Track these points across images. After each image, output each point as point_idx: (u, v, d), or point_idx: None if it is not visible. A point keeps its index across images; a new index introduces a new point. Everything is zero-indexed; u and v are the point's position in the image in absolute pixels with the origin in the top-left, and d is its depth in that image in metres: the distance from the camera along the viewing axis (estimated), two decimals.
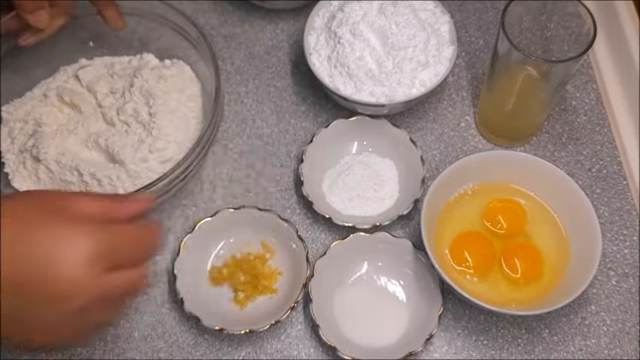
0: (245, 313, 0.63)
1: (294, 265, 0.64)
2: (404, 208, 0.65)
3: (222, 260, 0.65)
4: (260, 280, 0.64)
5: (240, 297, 0.63)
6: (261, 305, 0.63)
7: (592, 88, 0.75)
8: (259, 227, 0.66)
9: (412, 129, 0.73)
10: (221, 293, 0.64)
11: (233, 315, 0.62)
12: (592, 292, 0.64)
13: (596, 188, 0.69)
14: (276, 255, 0.65)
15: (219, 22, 0.80)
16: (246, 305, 0.63)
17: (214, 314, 0.61)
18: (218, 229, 0.65)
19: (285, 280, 0.64)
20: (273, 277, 0.64)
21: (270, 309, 0.62)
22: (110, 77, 0.70)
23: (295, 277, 0.63)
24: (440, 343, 0.62)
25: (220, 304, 0.63)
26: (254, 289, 0.64)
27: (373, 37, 0.68)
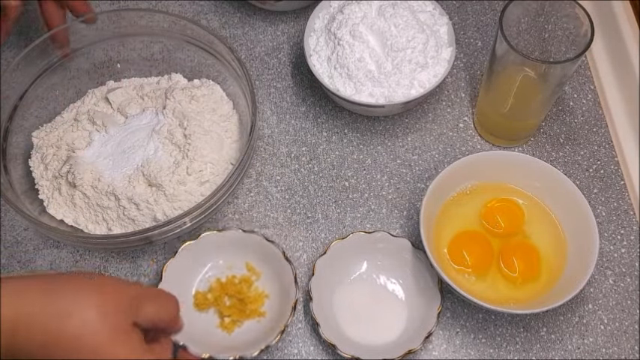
0: (233, 338, 0.61)
1: (282, 286, 0.62)
2: None
3: (207, 284, 0.64)
4: (246, 304, 0.62)
5: (226, 322, 0.62)
6: (248, 329, 0.61)
7: (589, 89, 0.76)
8: (244, 249, 0.64)
9: (411, 130, 0.74)
10: (207, 319, 0.62)
11: (220, 340, 0.61)
12: (589, 291, 0.65)
13: (594, 188, 0.70)
14: (263, 277, 0.64)
15: (220, 24, 0.81)
16: (233, 330, 0.61)
17: (201, 341, 0.58)
18: (202, 252, 0.64)
19: (273, 303, 0.62)
20: (260, 300, 0.63)
21: (258, 333, 0.60)
22: (141, 99, 0.70)
23: (283, 300, 0.61)
24: (438, 342, 0.63)
25: (207, 329, 0.61)
26: (240, 314, 0.62)
27: (372, 38, 0.69)
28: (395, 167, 0.71)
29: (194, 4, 0.82)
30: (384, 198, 0.70)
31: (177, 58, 0.73)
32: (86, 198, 0.64)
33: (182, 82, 0.72)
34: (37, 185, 0.67)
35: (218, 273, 0.64)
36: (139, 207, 0.63)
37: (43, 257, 0.67)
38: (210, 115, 0.68)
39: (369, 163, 0.72)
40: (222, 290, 0.63)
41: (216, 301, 0.62)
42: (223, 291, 0.63)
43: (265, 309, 0.62)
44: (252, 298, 0.63)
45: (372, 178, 0.71)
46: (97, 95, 0.71)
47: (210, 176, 0.65)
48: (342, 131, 0.74)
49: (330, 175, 0.71)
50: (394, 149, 0.72)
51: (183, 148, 0.65)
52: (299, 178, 0.71)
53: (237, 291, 0.63)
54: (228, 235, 0.64)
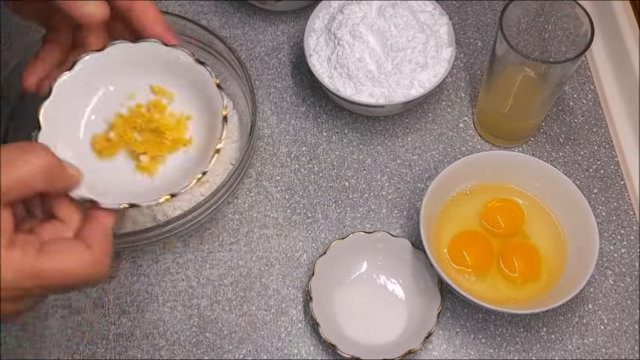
0: (159, 180, 0.48)
1: (205, 101, 0.49)
2: None
3: (103, 124, 0.49)
4: (164, 133, 0.49)
5: (144, 162, 0.49)
6: (175, 165, 0.49)
7: (589, 89, 0.76)
8: (143, 67, 0.49)
9: (411, 130, 0.74)
10: (117, 166, 0.49)
11: (143, 186, 0.48)
12: (589, 291, 0.65)
13: (594, 188, 0.70)
14: (177, 97, 0.50)
15: (220, 24, 0.81)
16: (156, 170, 0.49)
17: (115, 192, 0.45)
18: (85, 82, 0.48)
19: (198, 126, 0.50)
20: (181, 125, 0.50)
21: (190, 164, 0.48)
22: None
23: (210, 117, 0.49)
24: (438, 342, 0.63)
25: (122, 179, 0.48)
26: (160, 147, 0.49)
27: (372, 38, 0.69)
28: (395, 167, 0.71)
29: (194, 4, 0.82)
30: (384, 198, 0.70)
31: None
32: None
33: None
34: None
35: (114, 106, 0.50)
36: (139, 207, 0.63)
37: None
38: None
39: (369, 163, 0.72)
40: (126, 125, 0.49)
41: (123, 138, 0.49)
42: (129, 125, 0.49)
43: (191, 135, 0.50)
44: (169, 125, 0.49)
45: (372, 178, 0.71)
46: None
47: (210, 176, 0.65)
48: (342, 131, 0.74)
49: (330, 175, 0.71)
50: (394, 149, 0.72)
51: None
52: (299, 178, 0.71)
53: (148, 120, 0.49)
54: (116, 51, 0.48)
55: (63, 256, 0.40)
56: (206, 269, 0.67)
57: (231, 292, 0.65)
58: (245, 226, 0.69)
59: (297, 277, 0.66)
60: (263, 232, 0.68)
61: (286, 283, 0.66)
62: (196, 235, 0.68)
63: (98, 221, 0.43)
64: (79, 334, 0.64)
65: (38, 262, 0.39)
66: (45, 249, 0.40)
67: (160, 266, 0.67)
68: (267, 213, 0.69)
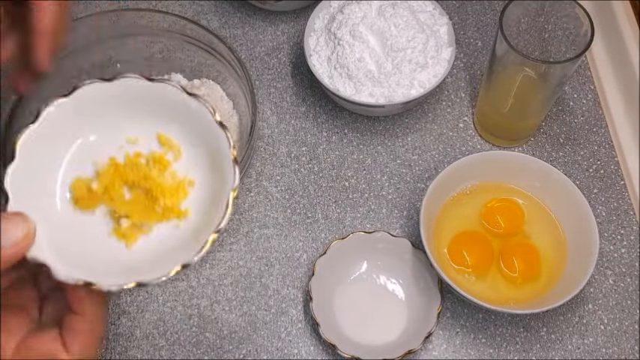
0: (135, 253, 0.40)
1: (213, 169, 0.41)
2: None
3: (91, 167, 0.41)
4: (158, 198, 0.41)
5: (124, 228, 0.40)
6: (160, 240, 0.41)
7: (589, 89, 0.76)
8: (153, 111, 0.41)
9: (411, 129, 0.74)
10: (93, 223, 0.41)
11: (114, 256, 0.40)
12: (589, 291, 0.65)
13: (594, 188, 0.70)
14: (184, 155, 0.42)
15: (220, 24, 0.81)
16: (135, 240, 0.40)
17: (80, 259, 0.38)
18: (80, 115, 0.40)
19: (199, 196, 0.42)
20: (181, 191, 0.41)
21: (177, 242, 0.40)
22: None
23: (215, 190, 0.41)
24: (438, 342, 0.63)
25: (93, 239, 0.40)
26: (148, 214, 0.41)
27: (372, 38, 0.69)
28: (395, 167, 0.71)
29: (194, 4, 0.82)
30: (384, 198, 0.70)
31: (177, 58, 0.73)
32: None
33: (182, 82, 0.72)
34: None
35: (111, 149, 0.42)
36: None
37: None
38: None
39: (369, 163, 0.72)
40: (118, 176, 0.41)
41: (109, 193, 0.41)
42: (120, 177, 0.41)
43: (189, 205, 0.41)
44: (167, 188, 0.41)
45: (372, 178, 0.71)
46: None
47: None
48: (342, 131, 0.74)
49: (330, 175, 0.71)
50: (394, 149, 0.72)
51: None
52: (299, 178, 0.71)
53: (144, 177, 0.41)
54: (124, 86, 0.41)
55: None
56: (206, 269, 0.67)
57: (231, 292, 0.65)
58: (245, 226, 0.69)
59: (297, 277, 0.66)
60: (263, 232, 0.68)
61: (286, 283, 0.66)
62: None
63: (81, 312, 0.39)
64: None
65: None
66: (21, 350, 0.39)
67: None
68: (267, 213, 0.69)
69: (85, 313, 0.39)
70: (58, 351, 0.39)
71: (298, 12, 0.81)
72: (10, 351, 0.39)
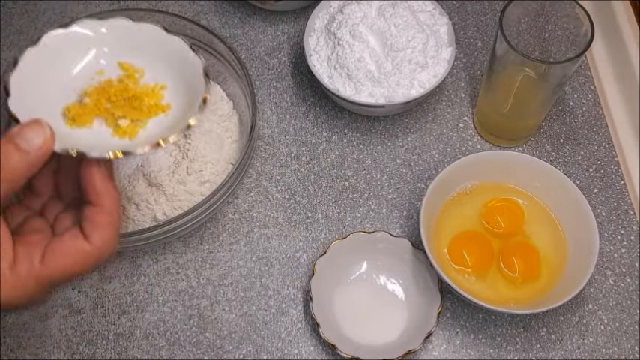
0: (138, 140, 0.47)
1: (180, 73, 0.48)
2: None
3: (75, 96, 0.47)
4: (142, 99, 0.47)
5: (124, 126, 0.46)
6: (157, 129, 0.47)
7: (589, 89, 0.76)
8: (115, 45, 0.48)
9: (411, 129, 0.74)
10: (93, 134, 0.46)
11: (124, 145, 0.46)
12: (589, 291, 0.65)
13: (594, 188, 0.70)
14: (148, 72, 0.49)
15: (220, 24, 0.81)
16: (136, 134, 0.46)
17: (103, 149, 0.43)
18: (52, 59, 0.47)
19: (175, 93, 0.48)
20: (158, 93, 0.48)
21: (170, 124, 0.47)
22: None
23: (187, 87, 0.48)
24: (438, 342, 0.63)
25: (101, 143, 0.46)
26: (139, 113, 0.47)
27: (372, 38, 0.69)
28: (395, 167, 0.71)
29: (194, 4, 0.82)
30: (384, 198, 0.70)
31: None
32: None
33: None
34: None
35: (83, 83, 0.48)
36: (139, 207, 0.63)
37: None
38: (210, 115, 0.68)
39: (369, 163, 0.72)
40: (100, 94, 0.47)
41: (98, 106, 0.47)
42: (103, 95, 0.47)
43: (168, 101, 0.48)
44: (146, 91, 0.48)
45: (372, 178, 0.71)
46: None
47: (210, 176, 0.65)
48: (342, 131, 0.74)
49: (330, 175, 0.71)
50: (394, 149, 0.72)
51: (183, 148, 0.65)
52: (299, 178, 0.71)
53: (122, 89, 0.47)
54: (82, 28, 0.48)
55: (64, 257, 0.42)
56: (206, 269, 0.67)
57: (231, 292, 0.65)
58: (245, 226, 0.69)
59: (297, 277, 0.66)
60: (263, 232, 0.68)
61: (286, 283, 0.66)
62: (196, 235, 0.68)
63: (99, 203, 0.43)
64: (79, 334, 0.64)
65: (43, 270, 0.41)
66: (47, 255, 0.42)
67: (160, 266, 0.67)
68: (267, 213, 0.69)
69: (103, 205, 0.43)
70: (81, 243, 0.42)
71: (298, 12, 0.81)
72: (38, 261, 0.41)
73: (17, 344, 0.63)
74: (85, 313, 0.65)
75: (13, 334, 0.64)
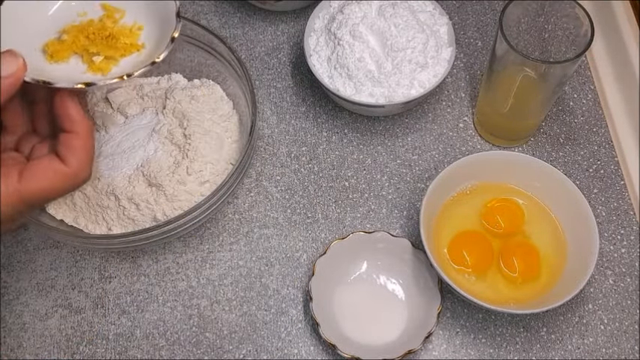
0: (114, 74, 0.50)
1: (157, 16, 0.52)
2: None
3: (55, 34, 0.51)
4: (118, 39, 0.51)
5: (98, 62, 0.50)
6: (128, 66, 0.51)
7: (589, 89, 0.76)
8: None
9: (411, 129, 0.74)
10: (68, 70, 0.50)
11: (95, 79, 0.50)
12: (589, 291, 0.65)
13: (594, 188, 0.70)
14: (129, 14, 0.53)
15: (220, 24, 0.81)
16: (109, 69, 0.50)
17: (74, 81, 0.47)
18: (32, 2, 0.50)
19: (150, 34, 0.52)
20: (134, 33, 0.52)
21: (141, 64, 0.50)
22: (141, 99, 0.70)
23: (161, 30, 0.52)
24: (438, 342, 0.63)
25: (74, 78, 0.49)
26: (114, 50, 0.51)
27: (372, 38, 0.69)
28: (395, 167, 0.71)
29: (194, 4, 0.82)
30: (384, 198, 0.70)
31: (177, 58, 0.73)
32: (86, 198, 0.64)
33: (182, 82, 0.72)
34: None
35: (65, 22, 0.52)
36: (139, 207, 0.63)
37: (43, 257, 0.67)
38: (210, 115, 0.68)
39: (369, 163, 0.72)
40: (79, 32, 0.51)
41: (76, 43, 0.51)
42: (82, 33, 0.51)
43: (143, 41, 0.52)
44: (123, 31, 0.52)
45: (372, 178, 0.71)
46: (97, 95, 0.71)
47: (210, 176, 0.65)
48: (342, 131, 0.74)
49: (330, 175, 0.71)
50: (394, 149, 0.73)
51: (183, 148, 0.65)
52: (299, 178, 0.71)
53: (101, 28, 0.51)
54: None
55: (42, 177, 0.45)
56: (206, 269, 0.67)
57: (231, 292, 0.65)
58: (245, 226, 0.69)
59: (297, 277, 0.66)
60: (263, 232, 0.68)
61: (286, 283, 0.66)
62: (196, 235, 0.68)
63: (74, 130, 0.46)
64: (79, 334, 0.64)
65: (21, 187, 0.45)
66: (25, 173, 0.45)
67: (160, 266, 0.67)
68: (267, 213, 0.69)
69: (78, 131, 0.46)
70: (58, 165, 0.46)
71: (298, 12, 0.81)
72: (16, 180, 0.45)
73: (17, 344, 0.63)
74: (85, 313, 0.65)
75: (13, 334, 0.64)
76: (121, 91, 0.70)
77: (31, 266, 0.67)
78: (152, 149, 0.65)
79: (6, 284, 0.66)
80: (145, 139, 0.66)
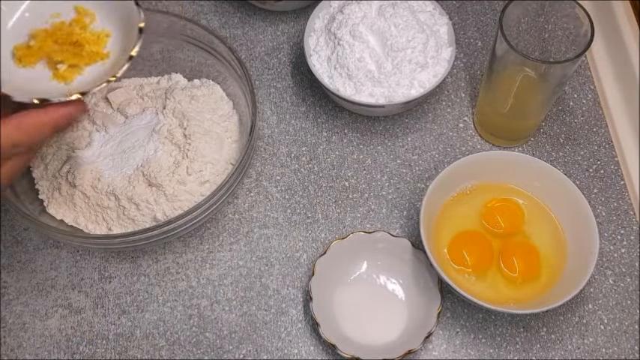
0: (74, 87, 0.52)
1: (123, 24, 0.53)
2: None
3: (26, 38, 0.53)
4: (84, 46, 0.52)
5: (62, 70, 0.52)
6: (92, 76, 0.52)
7: (589, 89, 0.76)
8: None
9: (411, 130, 0.74)
10: (34, 76, 0.52)
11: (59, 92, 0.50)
12: (589, 291, 0.65)
13: (594, 188, 0.70)
14: (98, 18, 0.54)
15: (220, 24, 0.81)
16: (72, 79, 0.52)
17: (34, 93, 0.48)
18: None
19: (116, 42, 0.54)
20: (101, 40, 0.53)
21: (103, 75, 0.51)
22: (141, 99, 0.70)
23: (126, 36, 0.53)
24: (438, 342, 0.63)
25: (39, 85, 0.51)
26: (78, 57, 0.52)
27: (372, 38, 0.69)
28: (395, 167, 0.71)
29: (194, 4, 0.82)
30: (384, 198, 0.70)
31: (177, 58, 0.73)
32: (86, 198, 0.64)
33: (182, 82, 0.72)
34: (37, 185, 0.67)
35: (37, 23, 0.53)
36: (139, 207, 0.63)
37: (43, 257, 0.67)
38: (210, 115, 0.68)
39: (369, 163, 0.72)
40: (48, 36, 0.53)
41: (43, 48, 0.52)
42: (50, 37, 0.53)
43: (109, 50, 0.53)
44: (89, 38, 0.53)
45: (372, 178, 0.71)
46: (97, 95, 0.71)
47: (210, 176, 0.65)
48: (342, 131, 0.74)
49: (330, 175, 0.71)
50: (394, 149, 0.73)
51: (183, 148, 0.65)
52: (299, 178, 0.71)
53: (69, 33, 0.53)
54: None
55: None
56: (206, 269, 0.67)
57: (231, 292, 0.65)
58: (245, 226, 0.69)
59: (297, 277, 0.66)
60: (263, 232, 0.68)
61: (286, 283, 0.66)
62: (196, 235, 0.68)
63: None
64: (79, 334, 0.64)
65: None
66: None
67: (160, 266, 0.67)
68: (267, 213, 0.69)
69: None
70: None
71: (298, 12, 0.81)
72: None
73: (17, 344, 0.63)
74: (85, 313, 0.65)
75: (13, 334, 0.64)
76: (121, 91, 0.70)
77: (31, 266, 0.67)
78: (152, 149, 0.65)
79: (6, 284, 0.66)
80: (145, 139, 0.66)
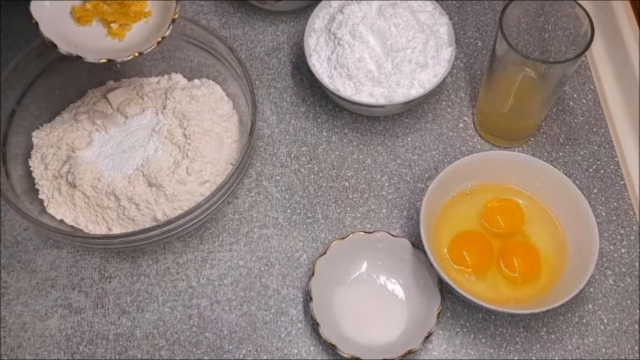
0: (127, 43, 0.62)
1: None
2: None
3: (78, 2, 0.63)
4: (129, 7, 0.62)
5: (114, 29, 0.62)
6: (138, 32, 0.62)
7: (589, 89, 0.76)
8: None
9: (411, 130, 0.74)
10: (93, 31, 0.62)
11: (115, 48, 0.61)
12: (589, 291, 0.65)
13: (594, 188, 0.70)
14: None
15: (220, 24, 0.81)
16: (124, 35, 0.62)
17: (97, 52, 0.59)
18: None
19: (153, 5, 0.63)
20: (142, 1, 0.63)
21: (150, 32, 0.61)
22: (141, 99, 0.70)
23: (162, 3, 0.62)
24: (438, 342, 0.63)
25: (98, 41, 0.61)
26: (126, 17, 0.62)
27: (372, 38, 0.69)
28: (395, 167, 0.71)
29: (194, 4, 0.82)
30: (384, 198, 0.70)
31: (177, 58, 0.73)
32: (86, 198, 0.64)
33: (182, 82, 0.72)
34: (37, 185, 0.67)
35: None
36: (139, 207, 0.63)
37: (43, 257, 0.67)
38: (210, 115, 0.68)
39: (369, 163, 0.72)
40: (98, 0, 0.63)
41: (97, 9, 0.62)
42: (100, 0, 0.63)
43: (150, 8, 0.63)
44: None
45: (372, 178, 0.71)
46: (97, 95, 0.71)
47: (210, 176, 0.65)
48: (342, 131, 0.74)
49: (330, 175, 0.71)
50: (394, 149, 0.73)
51: (183, 148, 0.65)
52: (299, 178, 0.71)
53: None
54: None
55: None
56: (206, 269, 0.67)
57: (231, 292, 0.65)
58: (245, 226, 0.69)
59: (297, 277, 0.66)
60: (263, 232, 0.68)
61: (286, 283, 0.66)
62: (196, 235, 0.68)
63: None
64: (79, 334, 0.64)
65: None
66: None
67: (160, 266, 0.67)
68: (267, 213, 0.69)
69: None
70: None
71: (298, 12, 0.81)
72: None
73: (17, 344, 0.63)
74: (85, 313, 0.65)
75: (13, 334, 0.64)
76: (121, 91, 0.70)
77: (31, 266, 0.67)
78: (152, 149, 0.65)
79: (6, 284, 0.66)
80: (145, 139, 0.66)
